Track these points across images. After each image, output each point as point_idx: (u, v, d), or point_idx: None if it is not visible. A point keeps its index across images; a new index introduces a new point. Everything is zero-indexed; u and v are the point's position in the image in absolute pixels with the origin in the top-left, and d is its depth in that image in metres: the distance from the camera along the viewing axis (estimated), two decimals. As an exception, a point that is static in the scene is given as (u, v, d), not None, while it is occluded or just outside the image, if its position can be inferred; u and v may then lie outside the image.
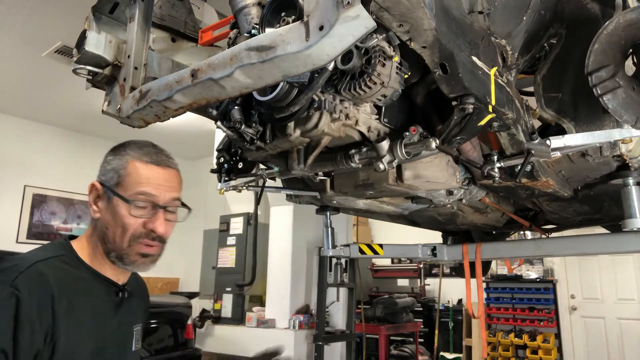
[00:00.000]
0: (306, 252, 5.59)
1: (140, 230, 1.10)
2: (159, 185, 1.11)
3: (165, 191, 1.12)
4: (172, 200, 1.14)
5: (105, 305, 1.13)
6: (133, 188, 1.09)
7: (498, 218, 2.53)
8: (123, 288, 1.18)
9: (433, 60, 1.07)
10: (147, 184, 1.10)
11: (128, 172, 1.10)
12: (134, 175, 1.10)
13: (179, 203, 1.17)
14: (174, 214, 1.17)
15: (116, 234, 1.10)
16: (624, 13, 1.24)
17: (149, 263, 1.14)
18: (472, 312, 3.10)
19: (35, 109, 6.44)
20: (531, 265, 6.95)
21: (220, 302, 5.82)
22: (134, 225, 1.09)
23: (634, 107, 1.22)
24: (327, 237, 2.33)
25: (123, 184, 1.10)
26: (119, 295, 1.17)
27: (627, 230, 1.62)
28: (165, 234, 1.13)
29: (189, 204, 1.19)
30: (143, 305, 1.34)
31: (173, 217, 1.16)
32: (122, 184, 1.10)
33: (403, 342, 6.84)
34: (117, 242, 1.10)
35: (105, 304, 1.13)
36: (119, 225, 1.09)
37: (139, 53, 1.46)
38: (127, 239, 1.09)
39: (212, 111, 1.32)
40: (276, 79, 0.99)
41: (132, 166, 1.11)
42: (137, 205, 1.09)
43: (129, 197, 1.09)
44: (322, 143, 1.35)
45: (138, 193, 1.09)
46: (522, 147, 1.44)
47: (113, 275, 1.16)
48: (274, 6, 1.12)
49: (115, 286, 1.16)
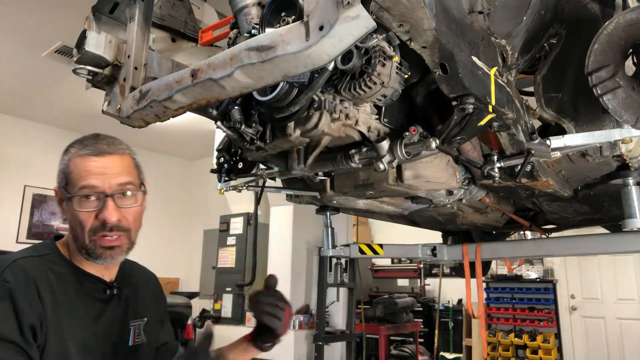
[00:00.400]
0: (306, 252, 5.59)
1: (95, 224, 1.09)
2: (99, 175, 1.09)
3: (109, 179, 1.10)
4: (120, 185, 1.11)
5: (92, 303, 1.13)
6: (76, 184, 1.09)
7: (498, 218, 2.52)
8: (111, 285, 1.18)
9: (433, 60, 1.07)
10: (87, 177, 1.09)
11: (70, 170, 1.11)
12: (75, 172, 1.10)
13: (132, 187, 1.14)
14: (131, 199, 1.14)
15: (77, 231, 1.10)
16: (624, 13, 1.24)
17: (118, 254, 1.12)
18: (472, 312, 3.11)
19: (35, 109, 6.44)
20: (531, 265, 6.95)
21: (220, 302, 5.83)
22: (88, 220, 1.09)
23: (634, 107, 1.22)
24: (327, 237, 2.33)
25: (70, 182, 1.10)
26: (107, 292, 1.17)
27: (627, 230, 1.62)
28: (121, 222, 1.11)
29: (189, 204, 1.19)
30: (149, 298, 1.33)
31: (129, 202, 1.13)
32: (69, 182, 1.10)
33: (403, 342, 6.84)
34: (80, 239, 1.10)
35: (91, 302, 1.13)
36: (77, 223, 1.10)
37: (139, 53, 1.46)
38: (86, 235, 1.09)
39: (212, 111, 1.32)
40: (276, 79, 0.99)
41: (72, 163, 1.11)
42: (82, 199, 1.08)
43: (74, 194, 1.09)
44: (322, 143, 1.35)
45: (80, 188, 1.09)
46: (522, 147, 1.44)
47: (96, 271, 1.16)
48: (274, 6, 1.12)
49: (102, 283, 1.16)
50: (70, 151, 1.13)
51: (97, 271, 1.16)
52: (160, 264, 7.75)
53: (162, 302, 1.41)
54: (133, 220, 1.14)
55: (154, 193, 4.19)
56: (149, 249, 6.65)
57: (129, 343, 1.21)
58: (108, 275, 1.19)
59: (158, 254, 7.30)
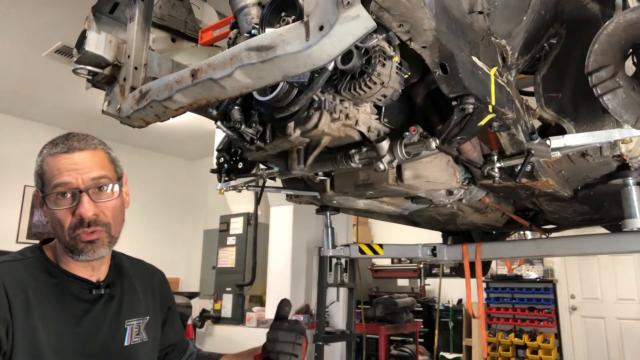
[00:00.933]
0: (306, 252, 5.59)
1: (73, 221, 1.09)
2: (72, 171, 1.09)
3: (81, 174, 1.10)
4: (93, 180, 1.11)
5: (75, 304, 1.13)
6: (50, 183, 1.09)
7: (498, 218, 2.53)
8: (98, 285, 1.17)
9: (433, 60, 1.07)
10: (59, 175, 1.09)
11: (43, 170, 1.11)
12: (47, 171, 1.10)
13: (106, 180, 1.13)
14: (107, 192, 1.13)
15: (58, 230, 1.11)
16: (624, 13, 1.24)
17: (99, 248, 1.12)
18: (472, 312, 3.11)
19: (35, 109, 6.44)
20: (531, 265, 6.95)
21: (220, 302, 5.83)
22: (66, 218, 1.09)
23: (634, 107, 1.22)
24: (327, 237, 2.33)
25: (44, 182, 1.11)
26: (93, 292, 1.16)
27: (627, 230, 1.62)
28: (98, 217, 1.10)
29: (189, 203, 1.19)
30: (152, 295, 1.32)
31: (105, 196, 1.13)
32: (44, 183, 1.11)
33: (403, 342, 6.84)
34: (61, 238, 1.11)
35: (74, 303, 1.13)
36: (56, 222, 1.10)
37: (139, 53, 1.46)
38: (66, 233, 1.09)
39: (212, 111, 1.32)
40: (276, 79, 0.99)
41: (45, 163, 1.11)
42: (57, 197, 1.09)
43: (48, 193, 1.09)
44: (322, 143, 1.35)
45: (54, 186, 1.09)
46: (522, 147, 1.44)
47: (84, 272, 1.15)
48: (274, 6, 1.12)
49: (87, 283, 1.16)
50: (42, 152, 1.13)
51: (84, 272, 1.16)
52: (160, 264, 7.69)
53: (168, 299, 1.40)
54: (112, 215, 1.14)
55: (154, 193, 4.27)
56: (149, 249, 6.68)
57: (125, 343, 1.19)
58: (96, 275, 1.18)
59: (158, 254, 7.30)
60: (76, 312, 1.12)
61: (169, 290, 1.41)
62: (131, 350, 1.21)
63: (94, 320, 1.15)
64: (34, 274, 1.10)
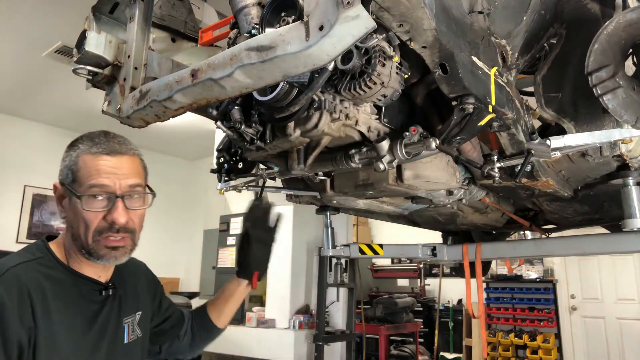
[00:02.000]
0: (306, 252, 5.59)
1: (102, 224, 1.07)
2: (111, 175, 1.08)
3: (120, 179, 1.08)
4: (130, 187, 1.10)
5: (87, 306, 1.11)
6: (85, 182, 1.07)
7: (498, 218, 2.53)
8: (107, 286, 1.17)
9: (433, 60, 1.07)
10: (97, 176, 1.07)
11: (79, 167, 1.08)
12: (84, 169, 1.08)
13: (141, 189, 1.13)
14: (139, 201, 1.13)
15: (80, 231, 1.08)
16: (624, 13, 1.24)
17: (121, 255, 1.11)
18: (472, 312, 3.10)
19: (35, 109, 6.44)
20: (531, 265, 6.95)
21: (220, 302, 5.82)
22: (94, 220, 1.07)
23: (634, 107, 1.22)
24: (327, 237, 2.33)
25: (77, 180, 1.08)
26: (102, 293, 1.15)
27: (627, 230, 1.62)
28: (128, 224, 1.09)
29: (189, 203, 1.20)
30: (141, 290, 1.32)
31: (137, 203, 1.12)
32: (77, 180, 1.08)
33: (403, 342, 6.84)
34: (82, 239, 1.08)
35: (86, 305, 1.11)
36: (81, 222, 1.07)
37: (139, 53, 1.46)
38: (90, 235, 1.07)
39: (212, 111, 1.32)
40: (276, 79, 0.99)
41: (82, 160, 1.09)
42: (90, 199, 1.06)
43: (82, 192, 1.06)
44: (322, 143, 1.35)
45: (90, 186, 1.07)
46: (522, 147, 1.44)
47: (93, 273, 1.14)
48: (274, 6, 1.12)
49: (97, 284, 1.15)
50: (79, 147, 1.10)
51: (93, 272, 1.14)
52: (160, 264, 7.74)
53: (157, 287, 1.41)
54: (139, 223, 1.14)
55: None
56: (149, 249, 6.66)
57: (125, 341, 1.19)
58: (105, 275, 1.18)
59: (158, 254, 7.30)
60: (89, 314, 1.12)
61: (154, 277, 1.41)
62: (130, 347, 1.21)
63: (104, 321, 1.14)
64: (50, 275, 1.06)
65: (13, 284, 0.99)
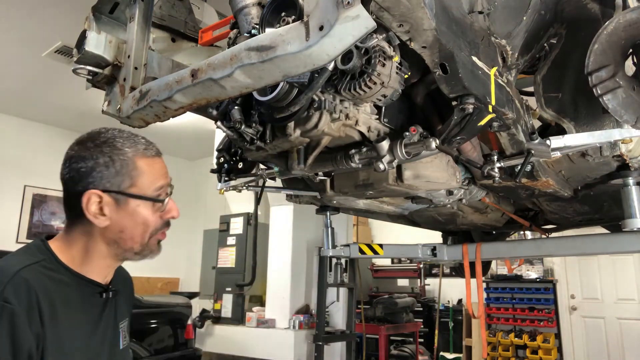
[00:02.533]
0: (306, 252, 5.59)
1: (160, 222, 1.11)
2: (166, 175, 1.14)
3: (169, 178, 1.14)
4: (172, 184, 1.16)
5: (90, 309, 1.11)
6: (152, 185, 1.09)
7: (498, 218, 2.52)
8: (108, 288, 1.16)
9: (433, 60, 1.07)
10: (161, 177, 1.11)
11: (141, 171, 1.08)
12: (148, 173, 1.09)
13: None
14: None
15: (135, 233, 1.08)
16: (624, 13, 1.24)
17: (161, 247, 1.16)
18: (472, 312, 3.10)
19: (35, 109, 6.44)
20: (531, 265, 6.95)
21: (220, 302, 5.82)
22: (154, 219, 1.09)
23: (634, 107, 1.22)
24: (327, 237, 2.33)
25: (138, 184, 1.07)
26: (103, 295, 1.14)
27: (627, 230, 1.62)
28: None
29: (189, 204, 1.21)
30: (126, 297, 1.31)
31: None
32: (137, 184, 1.07)
33: (403, 342, 6.84)
34: (137, 240, 1.09)
35: (90, 307, 1.10)
36: (139, 225, 1.08)
37: (139, 53, 1.46)
38: (148, 235, 1.09)
39: (212, 111, 1.32)
40: (276, 79, 0.99)
41: (141, 164, 1.09)
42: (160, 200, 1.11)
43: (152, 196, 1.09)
44: (322, 143, 1.35)
45: (159, 188, 1.10)
46: (522, 147, 1.44)
47: (99, 276, 1.13)
48: (274, 6, 1.12)
49: (99, 287, 1.13)
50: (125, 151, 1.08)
51: (99, 275, 1.13)
52: (160, 264, 7.75)
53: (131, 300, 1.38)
54: None
55: (154, 193, 3.99)
56: (149, 249, 6.66)
57: (120, 347, 1.19)
58: (108, 278, 1.17)
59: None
60: (92, 317, 1.11)
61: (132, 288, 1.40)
62: (124, 353, 1.20)
63: (105, 325, 1.14)
64: (55, 279, 1.04)
65: (22, 289, 0.97)
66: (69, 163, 1.07)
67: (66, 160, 1.09)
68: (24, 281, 0.98)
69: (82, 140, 1.10)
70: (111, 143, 1.08)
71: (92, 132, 1.12)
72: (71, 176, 1.06)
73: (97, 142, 1.08)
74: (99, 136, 1.09)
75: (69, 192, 1.08)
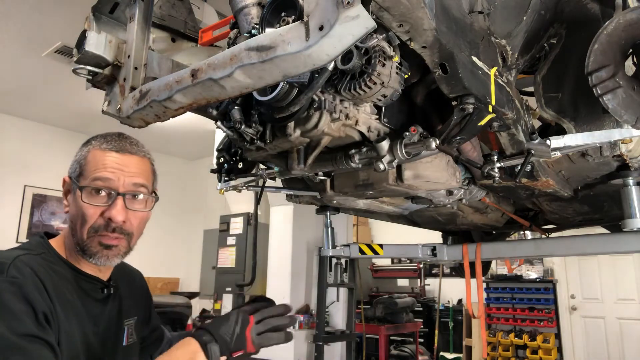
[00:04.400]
0: (306, 252, 5.59)
1: (99, 221, 1.06)
2: (115, 170, 1.07)
3: (125, 176, 1.08)
4: (134, 185, 1.09)
5: (91, 304, 1.10)
6: (90, 175, 1.07)
7: (498, 218, 2.52)
8: (108, 284, 1.16)
9: (433, 60, 1.07)
10: (103, 169, 1.07)
11: (87, 161, 1.08)
12: (91, 163, 1.08)
13: (145, 190, 1.12)
14: (141, 203, 1.11)
15: (77, 225, 1.07)
16: (624, 13, 1.24)
17: (113, 256, 1.09)
18: (472, 312, 3.10)
19: (35, 109, 6.44)
20: (531, 265, 6.95)
21: (220, 302, 5.83)
22: (92, 215, 1.05)
23: (634, 107, 1.22)
24: (327, 237, 2.33)
25: (83, 173, 1.08)
26: (104, 291, 1.14)
27: (627, 230, 1.62)
28: (126, 225, 1.08)
29: (189, 204, 1.20)
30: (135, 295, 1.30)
31: (139, 205, 1.11)
32: (83, 173, 1.08)
33: (403, 342, 6.85)
34: (78, 234, 1.07)
35: (90, 302, 1.10)
36: (79, 216, 1.06)
37: (139, 53, 1.46)
38: (86, 231, 1.06)
39: (212, 111, 1.32)
40: (276, 79, 0.99)
41: (91, 154, 1.09)
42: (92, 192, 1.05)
43: (85, 185, 1.06)
44: (322, 143, 1.35)
45: (93, 179, 1.06)
46: (522, 147, 1.44)
47: (93, 271, 1.12)
48: (274, 6, 1.12)
49: (99, 282, 1.13)
50: (91, 143, 1.11)
51: (93, 271, 1.13)
52: (160, 264, 7.76)
53: (149, 299, 1.39)
54: (137, 225, 1.12)
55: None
56: (149, 249, 6.67)
57: (123, 343, 1.18)
58: (104, 274, 1.16)
59: (158, 254, 7.31)
60: (94, 312, 1.11)
61: (148, 289, 1.41)
62: (128, 350, 1.20)
63: (107, 320, 1.14)
64: (56, 271, 1.05)
65: (25, 270, 0.97)
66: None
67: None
68: (25, 264, 0.98)
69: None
70: (92, 138, 1.13)
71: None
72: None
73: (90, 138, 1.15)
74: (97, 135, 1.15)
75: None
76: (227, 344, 1.06)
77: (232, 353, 1.07)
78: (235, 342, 1.07)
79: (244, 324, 1.09)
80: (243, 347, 1.08)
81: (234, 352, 1.07)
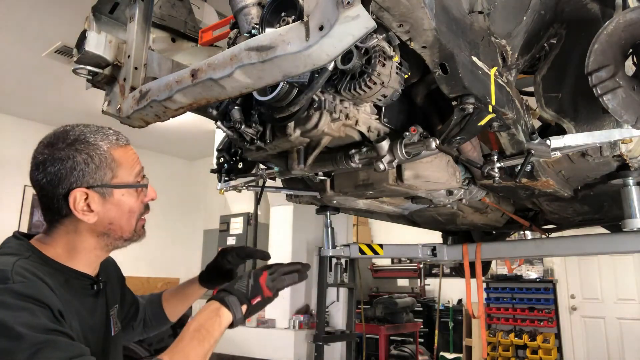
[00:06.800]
0: (306, 252, 5.59)
1: (141, 207, 1.15)
2: (139, 160, 1.17)
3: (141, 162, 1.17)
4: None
5: (85, 299, 1.12)
6: (131, 172, 1.12)
7: (498, 218, 2.52)
8: (97, 280, 1.17)
9: (433, 60, 1.07)
10: (136, 164, 1.15)
11: (119, 162, 1.10)
12: (125, 162, 1.11)
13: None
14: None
15: (123, 222, 1.11)
16: (624, 13, 1.24)
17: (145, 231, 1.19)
18: (472, 312, 3.10)
19: (35, 109, 6.44)
20: (531, 265, 6.95)
21: (220, 302, 5.82)
22: (140, 206, 1.14)
23: (634, 107, 1.22)
24: (327, 237, 2.33)
25: (119, 174, 1.09)
26: (94, 287, 1.15)
27: (627, 230, 1.62)
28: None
29: (189, 204, 1.22)
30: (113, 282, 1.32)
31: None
32: (118, 174, 1.09)
33: (403, 342, 6.85)
34: (126, 228, 1.12)
35: (84, 298, 1.12)
36: (125, 213, 1.11)
37: (139, 53, 1.46)
38: (135, 220, 1.13)
39: (212, 111, 1.32)
40: (276, 79, 0.99)
41: (117, 154, 1.10)
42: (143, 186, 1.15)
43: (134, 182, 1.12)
44: (322, 143, 1.35)
45: (137, 174, 1.14)
46: (522, 147, 1.44)
47: (88, 268, 1.13)
48: (274, 6, 1.12)
49: (89, 279, 1.14)
50: (99, 144, 1.07)
51: (89, 268, 1.13)
52: (160, 264, 7.76)
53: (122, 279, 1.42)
54: None
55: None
56: (149, 249, 6.67)
57: (112, 334, 1.20)
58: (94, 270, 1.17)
59: (158, 254, 7.31)
60: (88, 308, 1.13)
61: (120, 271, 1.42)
62: (116, 339, 1.23)
63: (99, 315, 1.16)
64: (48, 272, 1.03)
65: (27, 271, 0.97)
66: (43, 167, 1.05)
67: (38, 165, 1.06)
68: (24, 268, 0.98)
69: (50, 142, 1.07)
70: (83, 139, 1.07)
71: (57, 131, 1.10)
72: (49, 180, 1.04)
73: (67, 141, 1.06)
74: (68, 135, 1.07)
75: (48, 196, 1.05)
76: (243, 294, 1.17)
77: (250, 300, 1.17)
78: (251, 291, 1.18)
79: (257, 276, 1.22)
80: (260, 293, 1.19)
81: (252, 299, 1.18)
